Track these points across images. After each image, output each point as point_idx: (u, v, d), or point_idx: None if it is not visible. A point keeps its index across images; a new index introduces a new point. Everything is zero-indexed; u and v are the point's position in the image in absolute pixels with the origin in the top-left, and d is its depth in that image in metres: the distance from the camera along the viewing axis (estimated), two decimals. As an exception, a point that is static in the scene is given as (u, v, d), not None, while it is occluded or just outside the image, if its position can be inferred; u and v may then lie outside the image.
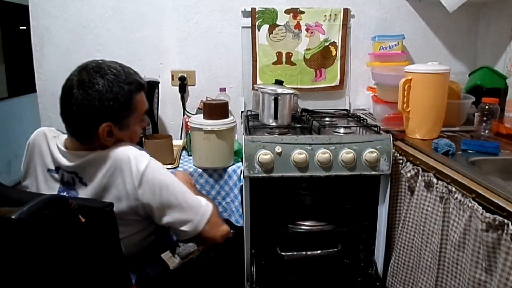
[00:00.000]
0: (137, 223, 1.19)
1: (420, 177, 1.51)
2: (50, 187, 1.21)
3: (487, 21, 2.25)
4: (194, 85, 2.27)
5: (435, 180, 1.42)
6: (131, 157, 1.13)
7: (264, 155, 1.63)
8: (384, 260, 1.79)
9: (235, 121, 1.75)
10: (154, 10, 2.18)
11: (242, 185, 1.71)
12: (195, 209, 1.20)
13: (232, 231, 1.80)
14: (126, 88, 1.15)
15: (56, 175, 1.20)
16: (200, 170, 1.77)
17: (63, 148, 1.19)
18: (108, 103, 1.12)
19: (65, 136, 1.23)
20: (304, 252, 1.76)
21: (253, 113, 2.12)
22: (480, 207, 1.17)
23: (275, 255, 1.73)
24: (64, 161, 1.17)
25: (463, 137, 1.76)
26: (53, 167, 1.21)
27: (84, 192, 1.15)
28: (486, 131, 1.75)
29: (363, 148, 1.66)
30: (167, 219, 1.16)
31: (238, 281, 1.84)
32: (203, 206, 1.22)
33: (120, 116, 1.16)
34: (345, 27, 2.20)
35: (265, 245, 1.79)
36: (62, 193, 1.18)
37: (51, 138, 1.24)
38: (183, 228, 1.17)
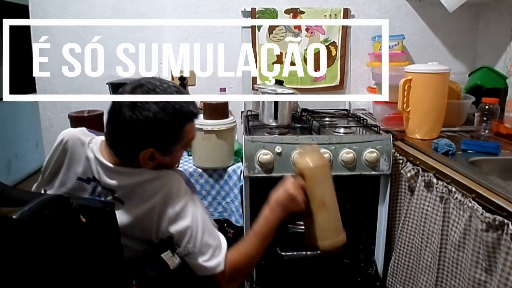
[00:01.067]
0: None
1: (420, 177, 1.51)
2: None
3: (487, 21, 2.26)
4: (194, 85, 2.26)
5: (435, 180, 1.42)
6: (175, 194, 1.10)
7: (264, 155, 1.63)
8: (384, 260, 1.79)
9: (235, 121, 1.75)
10: (154, 10, 2.18)
11: (242, 185, 1.71)
12: (205, 263, 1.12)
13: (232, 231, 1.81)
14: (178, 118, 1.09)
15: (87, 186, 1.14)
16: (200, 170, 1.77)
17: (104, 161, 1.12)
18: (156, 130, 1.06)
19: (100, 139, 1.17)
20: (304, 252, 1.75)
21: (253, 113, 2.12)
22: (480, 207, 1.17)
23: (275, 255, 1.73)
24: (104, 177, 1.11)
25: (463, 137, 1.76)
26: (84, 177, 1.14)
27: (119, 209, 1.10)
28: (486, 131, 1.75)
29: (363, 148, 1.66)
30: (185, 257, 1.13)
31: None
32: (214, 264, 1.12)
33: (165, 144, 1.11)
34: (345, 27, 2.21)
35: (265, 245, 1.79)
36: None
37: (86, 144, 1.16)
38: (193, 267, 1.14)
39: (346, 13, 2.19)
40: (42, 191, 1.23)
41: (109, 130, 1.11)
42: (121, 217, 1.09)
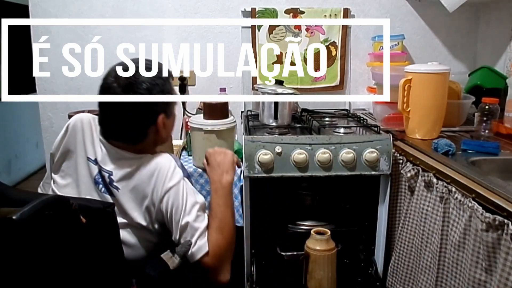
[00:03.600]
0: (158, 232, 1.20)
1: (420, 177, 1.51)
2: (90, 174, 1.20)
3: (487, 21, 2.26)
4: (194, 85, 2.27)
5: (435, 180, 1.42)
6: (166, 173, 1.14)
7: (264, 155, 1.63)
8: (384, 260, 1.79)
9: (235, 121, 1.75)
10: (154, 10, 2.18)
11: (242, 185, 1.71)
12: (194, 237, 1.14)
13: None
14: (165, 77, 1.22)
15: (94, 167, 1.20)
16: (200, 170, 1.77)
17: (109, 146, 1.18)
18: (159, 93, 1.17)
19: None
20: (304, 252, 1.75)
21: (253, 113, 2.12)
22: (480, 207, 1.17)
23: (275, 255, 1.73)
24: (107, 161, 1.18)
25: (463, 137, 1.76)
26: (92, 158, 1.20)
27: (115, 196, 1.16)
28: (486, 131, 1.75)
29: (363, 148, 1.66)
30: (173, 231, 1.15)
31: (238, 281, 1.84)
32: (201, 244, 1.14)
33: (168, 105, 1.21)
34: (345, 27, 2.21)
35: (265, 245, 1.79)
36: (98, 186, 1.19)
37: (95, 128, 1.23)
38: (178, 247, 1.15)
39: (346, 13, 2.19)
40: (52, 181, 1.26)
41: (114, 122, 1.16)
42: (121, 199, 1.15)
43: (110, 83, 1.14)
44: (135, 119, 1.15)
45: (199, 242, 1.13)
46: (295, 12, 2.18)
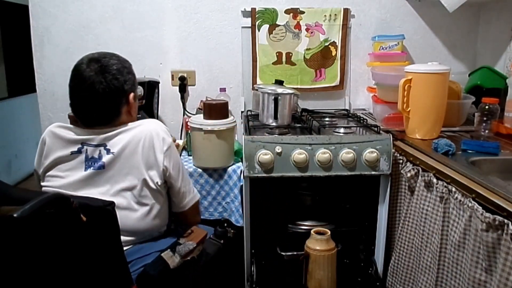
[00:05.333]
0: (162, 195, 1.38)
1: (420, 177, 1.51)
2: (77, 167, 1.31)
3: (487, 21, 2.26)
4: (194, 85, 2.27)
5: (435, 180, 1.42)
6: (161, 132, 1.33)
7: (264, 155, 1.63)
8: (384, 260, 1.79)
9: (235, 121, 1.75)
10: (154, 10, 2.18)
11: (242, 185, 1.71)
12: (188, 192, 1.44)
13: (232, 231, 1.81)
14: (128, 63, 1.38)
15: (80, 155, 1.31)
16: (200, 170, 1.77)
17: (78, 129, 1.33)
18: (128, 76, 1.34)
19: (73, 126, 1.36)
20: (304, 252, 1.75)
21: (253, 113, 2.12)
22: (480, 207, 1.17)
23: (275, 255, 1.73)
24: (88, 137, 1.30)
25: (463, 137, 1.76)
26: (75, 149, 1.31)
27: (112, 161, 1.29)
28: (486, 131, 1.75)
29: (363, 148, 1.66)
30: (174, 183, 1.38)
31: (238, 281, 1.84)
32: (193, 193, 1.49)
33: (135, 86, 1.39)
34: (345, 27, 2.21)
35: (265, 245, 1.79)
36: (88, 169, 1.29)
37: (59, 130, 1.34)
38: (175, 199, 1.42)
39: (346, 13, 2.19)
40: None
41: (88, 106, 1.29)
42: (118, 164, 1.29)
43: (83, 69, 1.27)
44: (110, 100, 1.29)
45: (189, 196, 1.45)
46: (295, 12, 2.18)
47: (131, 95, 1.34)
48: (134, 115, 1.40)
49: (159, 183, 1.33)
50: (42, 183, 1.34)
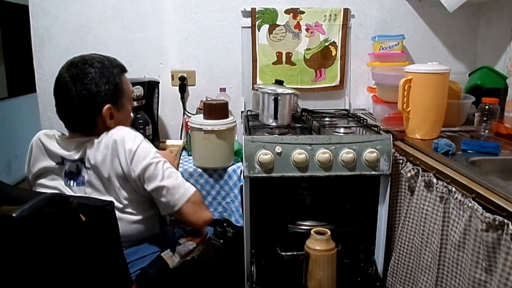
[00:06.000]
0: (146, 200, 1.31)
1: (420, 177, 1.51)
2: (60, 176, 1.29)
3: (487, 21, 2.26)
4: (194, 85, 2.27)
5: (435, 180, 1.42)
6: (126, 138, 1.24)
7: (264, 155, 1.63)
8: (384, 260, 1.79)
9: (235, 121, 1.75)
10: (154, 10, 2.18)
11: (242, 185, 1.71)
12: (177, 187, 1.29)
13: (232, 230, 1.81)
14: (115, 71, 1.29)
15: (64, 167, 1.29)
16: (200, 170, 1.77)
17: (61, 140, 1.29)
18: (104, 87, 1.25)
19: (61, 133, 1.33)
20: (304, 252, 1.75)
21: (253, 113, 2.12)
22: (480, 207, 1.17)
23: (275, 255, 1.73)
24: (66, 152, 1.27)
25: (463, 137, 1.76)
26: (59, 160, 1.29)
27: (90, 176, 1.25)
28: (486, 131, 1.75)
29: (363, 148, 1.66)
30: (151, 185, 1.25)
31: (238, 281, 1.84)
32: (185, 187, 1.31)
33: (116, 97, 1.29)
34: (345, 27, 2.21)
35: (265, 245, 1.79)
36: (72, 184, 1.27)
37: (44, 139, 1.32)
38: (163, 199, 1.27)
39: (346, 13, 2.19)
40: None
41: (64, 112, 1.27)
42: (95, 183, 1.25)
43: (61, 73, 1.26)
44: (81, 109, 1.24)
45: (180, 191, 1.28)
46: (295, 12, 2.18)
47: (106, 106, 1.26)
48: (114, 126, 1.30)
49: (138, 192, 1.27)
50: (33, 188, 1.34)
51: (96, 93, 1.23)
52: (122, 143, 1.22)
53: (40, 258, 0.84)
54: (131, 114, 1.43)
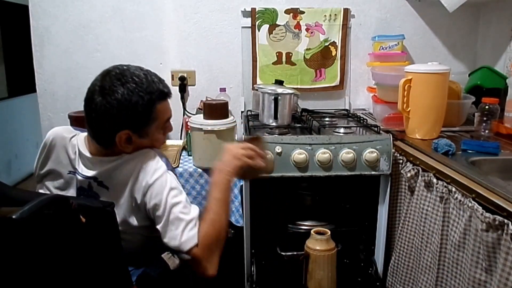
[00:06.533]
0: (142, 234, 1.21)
1: (420, 177, 1.51)
2: (73, 187, 1.21)
3: (487, 21, 2.26)
4: (194, 85, 2.27)
5: (435, 180, 1.42)
6: (148, 168, 1.14)
7: (264, 155, 1.62)
8: (384, 260, 1.79)
9: (235, 121, 1.75)
10: (154, 10, 2.18)
11: (242, 185, 1.71)
12: (178, 237, 1.10)
13: (232, 231, 1.81)
14: (147, 98, 1.13)
15: (74, 177, 1.21)
16: (200, 170, 1.77)
17: (86, 153, 1.18)
18: (126, 112, 1.11)
19: (84, 135, 1.23)
20: (304, 252, 1.75)
21: (253, 113, 2.12)
22: (480, 207, 1.17)
23: (275, 255, 1.73)
24: (83, 167, 1.18)
25: (463, 137, 1.76)
26: (73, 170, 1.21)
27: (106, 196, 1.16)
28: (486, 131, 1.75)
29: (363, 148, 1.66)
30: (157, 225, 1.13)
31: (238, 281, 1.84)
32: (191, 235, 1.10)
33: (139, 125, 1.15)
34: (345, 27, 2.21)
35: (265, 245, 1.79)
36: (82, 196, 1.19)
37: (68, 139, 1.23)
38: (165, 240, 1.12)
39: (346, 13, 2.19)
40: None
41: (86, 117, 1.16)
42: (112, 198, 1.14)
43: (96, 80, 1.15)
44: (100, 123, 1.14)
45: (188, 233, 1.09)
46: (295, 12, 2.18)
47: (123, 131, 1.13)
48: (132, 151, 1.18)
49: (149, 218, 1.16)
50: (38, 185, 1.28)
51: (114, 115, 1.11)
52: (144, 173, 1.13)
53: (40, 260, 0.84)
54: (161, 141, 1.25)
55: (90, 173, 1.17)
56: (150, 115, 1.15)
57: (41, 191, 1.26)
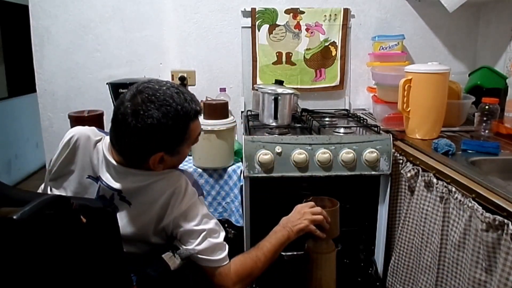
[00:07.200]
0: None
1: (420, 177, 1.51)
2: (91, 193, 1.17)
3: (487, 21, 2.26)
4: (194, 85, 2.26)
5: (435, 180, 1.42)
6: (183, 193, 1.13)
7: (264, 155, 1.63)
8: (384, 260, 1.79)
9: (235, 121, 1.76)
10: (154, 10, 2.18)
11: (242, 185, 1.71)
12: (211, 261, 1.16)
13: (232, 231, 1.81)
14: (182, 120, 1.10)
15: (96, 184, 1.16)
16: (200, 170, 1.77)
17: (113, 161, 1.14)
18: (162, 135, 1.08)
19: (109, 139, 1.17)
20: (304, 252, 1.75)
21: (253, 113, 2.12)
22: (480, 207, 1.17)
23: (275, 255, 1.73)
24: (110, 177, 1.14)
25: (463, 137, 1.76)
26: (94, 176, 1.16)
27: (126, 210, 1.14)
28: (486, 131, 1.75)
29: (363, 148, 1.66)
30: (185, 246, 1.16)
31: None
32: (221, 257, 1.17)
33: (173, 146, 1.13)
34: (345, 27, 2.21)
35: (265, 245, 1.79)
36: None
37: (94, 143, 1.18)
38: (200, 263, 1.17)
39: (346, 13, 2.19)
40: (48, 190, 1.22)
41: (115, 138, 1.11)
42: (128, 218, 1.13)
43: (125, 99, 1.08)
44: (134, 148, 1.10)
45: (218, 256, 1.16)
46: (295, 12, 2.18)
47: (154, 156, 1.10)
48: (162, 169, 1.16)
49: (157, 242, 1.17)
50: (50, 183, 1.21)
51: (150, 139, 1.08)
52: (175, 199, 1.12)
53: (40, 260, 0.84)
54: (186, 155, 1.24)
55: (116, 185, 1.13)
56: (184, 136, 1.13)
57: (54, 190, 1.20)
